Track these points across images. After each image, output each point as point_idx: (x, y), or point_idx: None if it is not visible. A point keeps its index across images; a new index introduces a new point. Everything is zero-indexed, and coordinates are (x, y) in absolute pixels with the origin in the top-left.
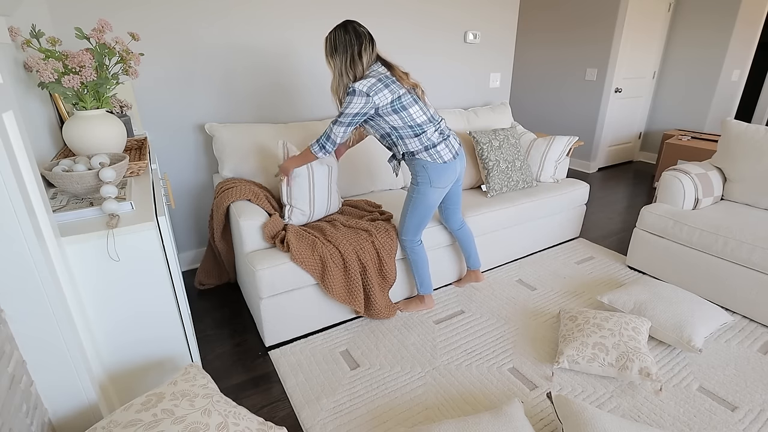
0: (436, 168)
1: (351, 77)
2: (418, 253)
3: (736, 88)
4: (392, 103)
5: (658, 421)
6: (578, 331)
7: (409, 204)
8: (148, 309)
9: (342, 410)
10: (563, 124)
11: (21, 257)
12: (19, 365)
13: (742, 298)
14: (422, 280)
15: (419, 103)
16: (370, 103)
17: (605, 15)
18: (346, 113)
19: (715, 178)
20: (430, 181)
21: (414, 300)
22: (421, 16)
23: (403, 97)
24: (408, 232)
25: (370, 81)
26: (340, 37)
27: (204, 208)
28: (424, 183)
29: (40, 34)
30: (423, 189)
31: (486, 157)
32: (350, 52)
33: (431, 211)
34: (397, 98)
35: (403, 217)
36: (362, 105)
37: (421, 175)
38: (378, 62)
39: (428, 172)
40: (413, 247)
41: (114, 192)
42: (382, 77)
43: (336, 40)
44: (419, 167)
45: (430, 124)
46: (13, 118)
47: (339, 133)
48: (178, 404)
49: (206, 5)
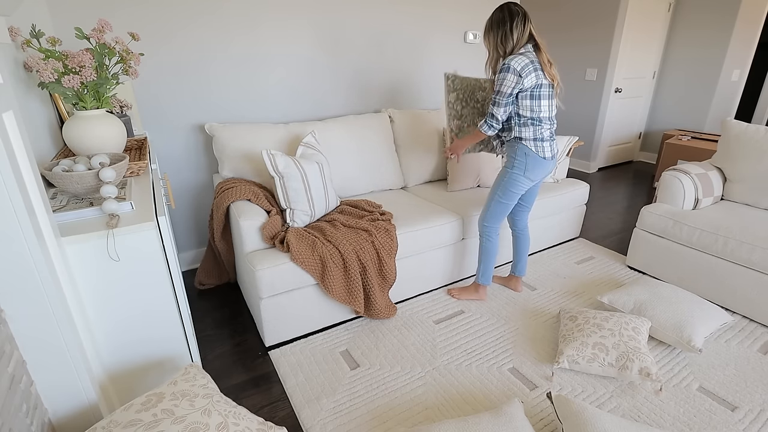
0: (535, 159)
1: (502, 52)
2: (494, 242)
3: (736, 88)
4: (534, 88)
5: (658, 421)
6: (578, 331)
7: (497, 188)
8: (148, 309)
9: (342, 410)
10: (563, 124)
11: (21, 257)
12: (19, 365)
13: (742, 298)
14: (486, 269)
15: (551, 100)
16: (519, 83)
17: (605, 15)
18: (501, 92)
19: (715, 178)
20: (526, 169)
21: (469, 288)
22: (421, 16)
23: (543, 87)
24: (491, 217)
25: (524, 60)
26: (496, 15)
27: (204, 208)
28: (519, 168)
29: (40, 34)
30: (516, 175)
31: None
32: (503, 28)
33: (515, 199)
34: (538, 85)
35: (488, 202)
36: (513, 84)
37: (519, 160)
38: (529, 42)
39: (527, 159)
40: (491, 235)
41: (114, 192)
42: (534, 60)
43: (492, 19)
44: (521, 153)
45: (548, 122)
46: (13, 118)
47: (500, 113)
48: (178, 404)
49: (205, 4)
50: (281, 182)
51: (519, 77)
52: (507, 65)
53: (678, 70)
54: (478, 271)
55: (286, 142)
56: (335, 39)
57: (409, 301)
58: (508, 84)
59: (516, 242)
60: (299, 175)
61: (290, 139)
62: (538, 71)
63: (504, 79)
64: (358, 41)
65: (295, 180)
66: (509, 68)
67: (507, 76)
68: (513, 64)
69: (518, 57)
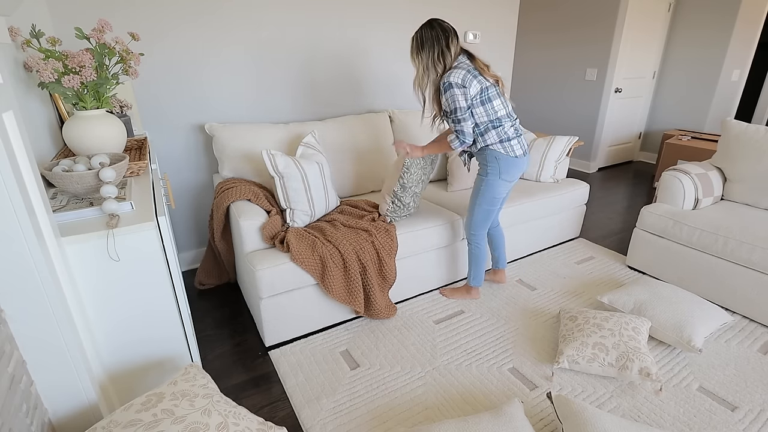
0: (507, 160)
1: (440, 69)
2: (482, 248)
3: (736, 88)
4: (480, 94)
5: (658, 421)
6: (578, 331)
7: (477, 196)
8: (148, 309)
9: (342, 410)
10: (563, 124)
11: (21, 257)
12: (19, 365)
13: (742, 298)
14: (478, 272)
15: (501, 98)
16: (466, 93)
17: (605, 15)
18: (458, 107)
19: (715, 178)
20: (500, 172)
21: (461, 289)
22: (421, 16)
23: (489, 89)
24: (476, 225)
25: (461, 72)
26: (426, 33)
27: (204, 208)
28: (493, 174)
29: (40, 34)
30: (492, 180)
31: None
32: (438, 46)
33: (497, 204)
34: (484, 89)
35: (471, 211)
36: (462, 96)
37: (491, 166)
38: (462, 54)
39: (499, 163)
40: (479, 242)
41: (114, 192)
42: (470, 68)
43: (423, 37)
44: (491, 158)
45: (508, 119)
46: (13, 118)
47: (467, 126)
48: (178, 404)
49: (206, 5)
50: (281, 182)
51: (464, 88)
52: (446, 83)
53: (678, 70)
54: (470, 275)
55: (286, 142)
56: (335, 39)
57: (409, 301)
58: (459, 98)
59: (491, 240)
60: (299, 175)
61: (290, 139)
62: (477, 77)
63: (454, 95)
64: (358, 41)
65: (295, 180)
66: (451, 85)
67: (454, 91)
68: (453, 80)
69: (454, 71)
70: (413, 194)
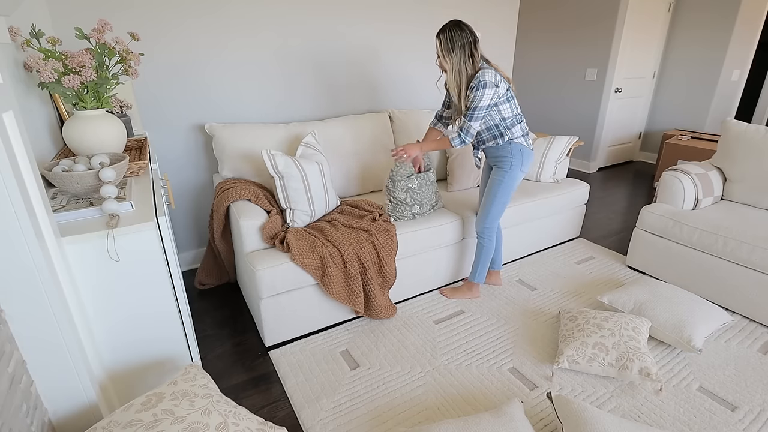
0: (528, 153)
1: (471, 71)
2: (493, 242)
3: (736, 88)
4: (507, 92)
5: (658, 421)
6: (578, 331)
7: (499, 189)
8: (148, 309)
9: (342, 410)
10: (563, 124)
11: (21, 257)
12: (19, 365)
13: (742, 298)
14: (483, 269)
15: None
16: (497, 93)
17: (605, 15)
18: (480, 107)
19: (715, 178)
20: (522, 164)
21: (462, 287)
22: (421, 16)
23: (509, 89)
24: (493, 218)
25: (493, 72)
26: (456, 35)
27: (204, 208)
28: (516, 166)
29: (40, 34)
30: (514, 173)
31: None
32: (468, 48)
33: (511, 196)
34: (507, 88)
35: (489, 205)
36: (492, 95)
37: (516, 159)
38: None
39: (523, 156)
40: (491, 236)
41: (114, 192)
42: (493, 69)
43: (453, 38)
44: (516, 151)
45: (522, 116)
46: (13, 118)
47: (475, 126)
48: (178, 404)
49: (206, 5)
50: (281, 182)
51: (496, 87)
52: (482, 81)
53: (678, 70)
54: (475, 270)
55: (286, 142)
56: (336, 39)
57: (409, 301)
58: (487, 98)
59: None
60: (299, 175)
61: (290, 139)
62: (501, 77)
63: (482, 95)
64: (359, 41)
65: (295, 180)
66: (485, 84)
67: (485, 91)
68: (487, 79)
69: (487, 71)
70: (406, 189)
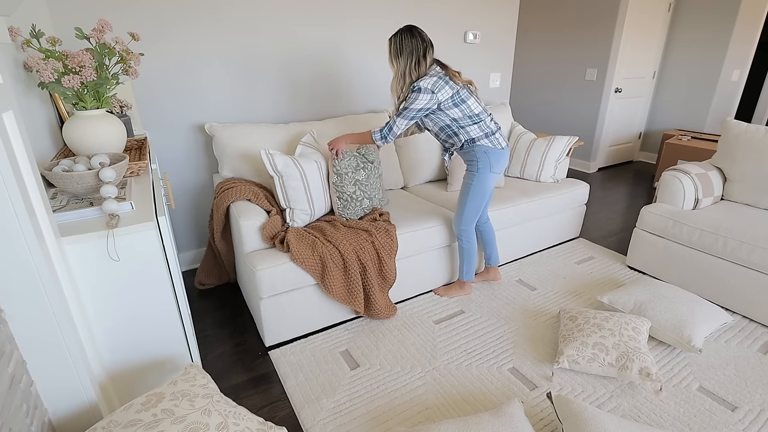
0: (496, 153)
1: (414, 77)
2: (472, 242)
3: (736, 88)
4: (452, 97)
5: (658, 421)
6: (578, 331)
7: (468, 192)
8: (148, 309)
9: (342, 410)
10: (563, 124)
11: (21, 257)
12: (19, 365)
13: (742, 298)
14: (470, 267)
15: (474, 97)
16: (433, 99)
17: (605, 15)
18: (411, 108)
19: (715, 178)
20: (491, 165)
21: (454, 286)
22: (421, 16)
23: (461, 91)
24: (466, 221)
25: (433, 79)
26: (406, 40)
27: (204, 208)
28: (484, 168)
29: (40, 34)
30: (483, 175)
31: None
32: (416, 54)
33: (486, 198)
34: (456, 92)
35: (462, 207)
36: (427, 101)
37: (482, 161)
38: (434, 64)
39: (489, 157)
40: (469, 237)
41: (114, 192)
42: (442, 75)
43: (402, 43)
44: (480, 153)
45: (485, 114)
46: (13, 118)
47: (401, 125)
48: (178, 404)
49: (206, 5)
50: (280, 182)
51: (432, 94)
52: (418, 87)
53: (678, 70)
54: (461, 270)
55: (286, 142)
56: (335, 38)
57: (409, 301)
58: (420, 102)
59: (482, 236)
60: (298, 174)
61: (290, 139)
62: (449, 83)
63: (416, 98)
64: (358, 40)
65: (294, 179)
66: (421, 89)
67: (420, 95)
68: (423, 85)
69: (426, 78)
70: (354, 181)
